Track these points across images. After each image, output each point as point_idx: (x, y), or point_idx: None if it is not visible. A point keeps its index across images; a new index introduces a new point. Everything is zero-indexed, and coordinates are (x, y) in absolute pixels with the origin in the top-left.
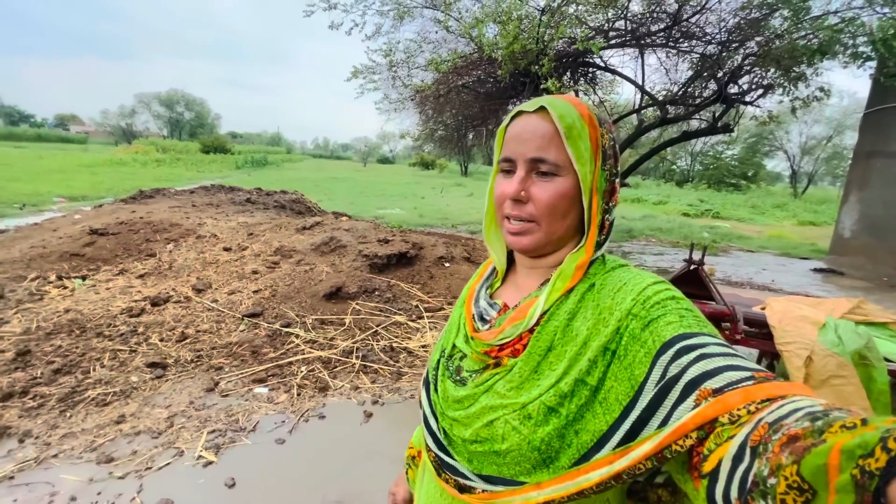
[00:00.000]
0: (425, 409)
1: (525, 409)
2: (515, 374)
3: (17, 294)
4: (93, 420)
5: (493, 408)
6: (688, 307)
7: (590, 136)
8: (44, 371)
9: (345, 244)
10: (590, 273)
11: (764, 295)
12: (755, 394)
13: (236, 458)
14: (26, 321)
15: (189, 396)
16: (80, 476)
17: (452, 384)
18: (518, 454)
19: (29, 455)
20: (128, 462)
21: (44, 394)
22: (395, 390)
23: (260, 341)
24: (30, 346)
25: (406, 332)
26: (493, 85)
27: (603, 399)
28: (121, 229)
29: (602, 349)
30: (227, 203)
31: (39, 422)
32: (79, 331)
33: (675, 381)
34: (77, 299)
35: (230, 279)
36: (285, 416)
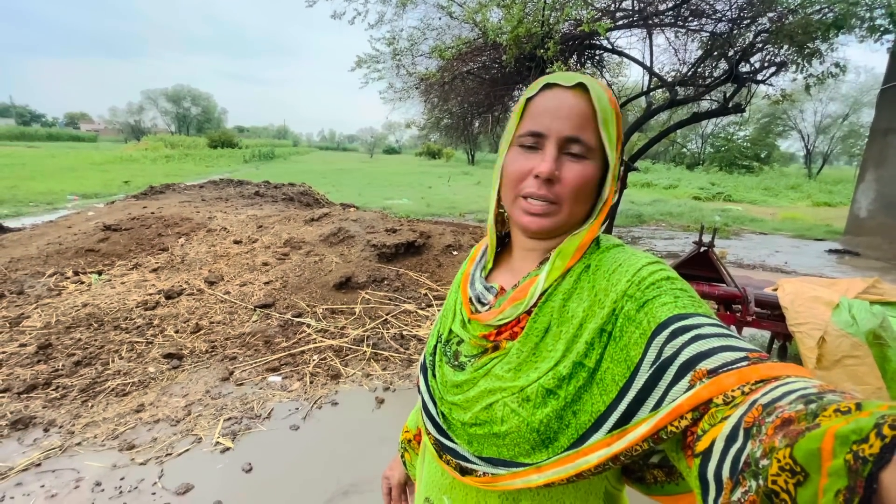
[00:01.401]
0: (423, 395)
1: (524, 391)
2: (513, 356)
3: (37, 290)
4: (113, 409)
5: (492, 391)
6: (682, 287)
7: (616, 122)
8: (65, 363)
9: (353, 235)
10: (585, 253)
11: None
12: (749, 375)
13: (252, 444)
14: (46, 315)
15: (205, 385)
16: (103, 462)
17: (451, 369)
18: (517, 436)
19: (54, 443)
20: (148, 449)
21: (66, 385)
22: (405, 377)
23: (272, 331)
24: (51, 340)
25: (415, 320)
26: (499, 71)
27: (600, 380)
28: (133, 225)
29: (598, 331)
30: (236, 196)
31: (63, 412)
32: (97, 324)
33: (669, 362)
34: (94, 294)
35: (241, 271)
36: (299, 403)
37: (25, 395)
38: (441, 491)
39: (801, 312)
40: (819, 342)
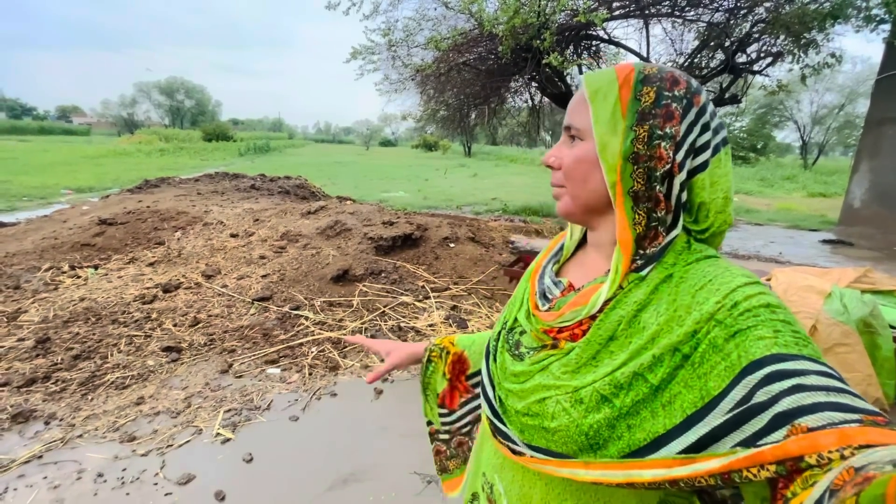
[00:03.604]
0: (483, 377)
1: (578, 392)
2: (572, 358)
3: (33, 284)
4: (113, 402)
5: (547, 387)
6: (785, 318)
7: (618, 97)
8: (63, 357)
9: (350, 227)
10: (666, 261)
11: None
12: (853, 437)
13: (253, 435)
14: (43, 310)
15: (204, 378)
16: (104, 454)
17: (510, 357)
18: (566, 435)
19: (55, 436)
20: (149, 440)
21: (65, 378)
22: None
23: (270, 324)
24: (49, 334)
25: (413, 312)
26: (495, 62)
27: (667, 402)
28: (129, 219)
29: (672, 349)
30: (232, 190)
31: (63, 405)
32: (94, 318)
33: (762, 408)
34: (91, 288)
35: (238, 265)
36: (298, 394)
37: (25, 388)
38: (494, 470)
39: (793, 301)
40: (811, 330)
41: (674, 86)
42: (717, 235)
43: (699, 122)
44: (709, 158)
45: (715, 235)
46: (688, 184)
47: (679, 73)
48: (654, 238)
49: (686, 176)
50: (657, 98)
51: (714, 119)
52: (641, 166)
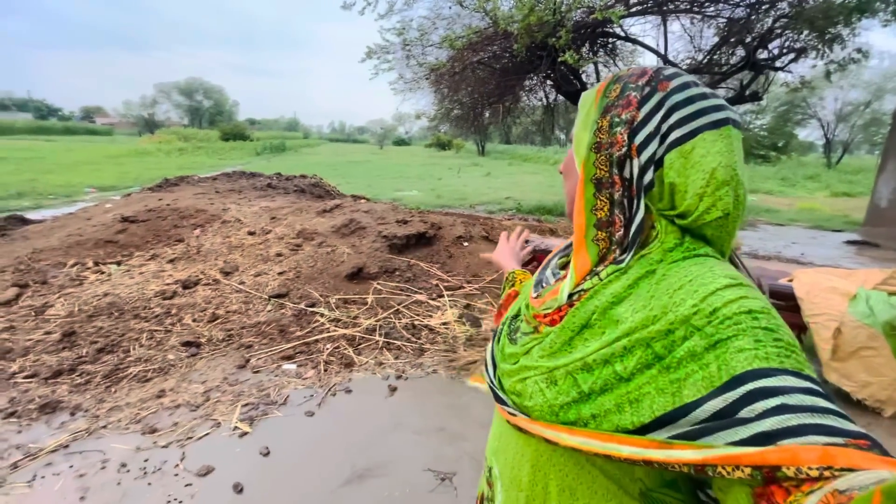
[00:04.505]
0: (487, 356)
1: (552, 373)
2: (547, 343)
3: (59, 280)
4: (135, 395)
5: (528, 368)
6: (767, 325)
7: (594, 99)
8: (88, 350)
9: (364, 226)
10: (652, 256)
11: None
12: (836, 458)
13: (269, 429)
14: (69, 304)
15: (223, 373)
16: (127, 445)
17: (508, 341)
18: (540, 414)
19: (80, 426)
20: (170, 432)
21: (90, 371)
22: (417, 365)
23: (286, 320)
24: (74, 328)
25: (427, 311)
26: (510, 60)
27: (634, 400)
28: (150, 216)
29: (644, 343)
30: (249, 188)
31: (88, 396)
32: (117, 313)
33: (742, 422)
34: (114, 283)
35: (256, 262)
36: (313, 390)
37: (52, 380)
38: (492, 454)
39: (816, 303)
40: (835, 333)
41: (639, 78)
42: (713, 227)
43: (664, 105)
44: (679, 138)
45: (708, 226)
46: (660, 168)
47: (651, 68)
48: (619, 224)
49: (655, 160)
50: (621, 91)
51: (696, 102)
52: (603, 153)
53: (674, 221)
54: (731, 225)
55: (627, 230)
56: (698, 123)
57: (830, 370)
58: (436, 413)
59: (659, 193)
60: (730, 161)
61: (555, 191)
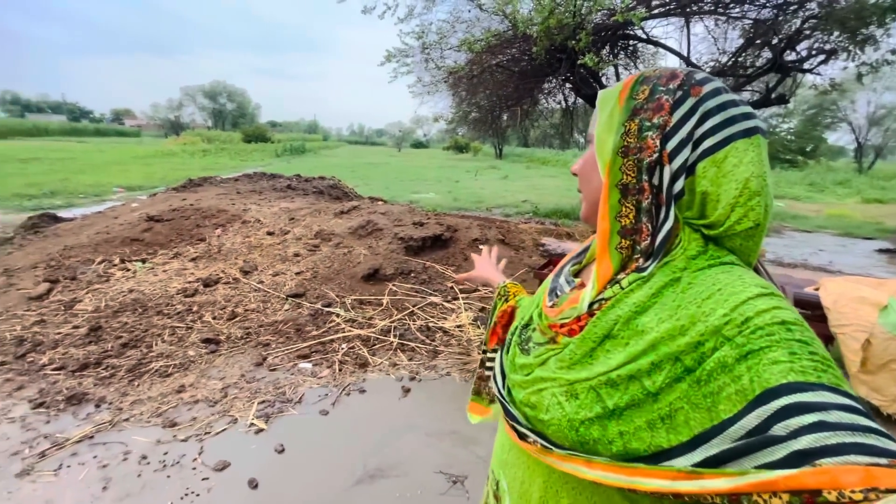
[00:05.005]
0: (496, 367)
1: (573, 386)
2: (566, 354)
3: (87, 276)
4: (157, 389)
5: (544, 379)
6: (802, 338)
7: (617, 99)
8: (113, 345)
9: (381, 227)
10: (676, 264)
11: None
12: (880, 479)
13: (284, 426)
14: (96, 300)
15: (240, 370)
16: (148, 438)
17: (519, 351)
18: (557, 429)
19: (104, 418)
20: (189, 427)
21: (114, 365)
22: (431, 367)
23: (303, 320)
24: (100, 323)
25: (441, 313)
26: (528, 63)
27: (667, 416)
28: (174, 216)
29: (672, 358)
30: (269, 189)
31: (112, 389)
32: (141, 309)
33: (778, 441)
34: (139, 281)
35: (274, 261)
36: (328, 389)
37: (79, 373)
38: (500, 467)
39: (844, 314)
40: (864, 345)
41: (669, 81)
42: (742, 237)
43: (697, 111)
44: (712, 147)
45: (738, 236)
46: (692, 175)
47: (681, 70)
48: (646, 233)
49: (687, 167)
50: (651, 94)
51: (727, 109)
52: (631, 159)
53: (698, 229)
54: (760, 235)
55: (654, 238)
56: (730, 131)
57: (859, 383)
58: (448, 416)
59: (688, 202)
60: (761, 171)
61: (573, 194)
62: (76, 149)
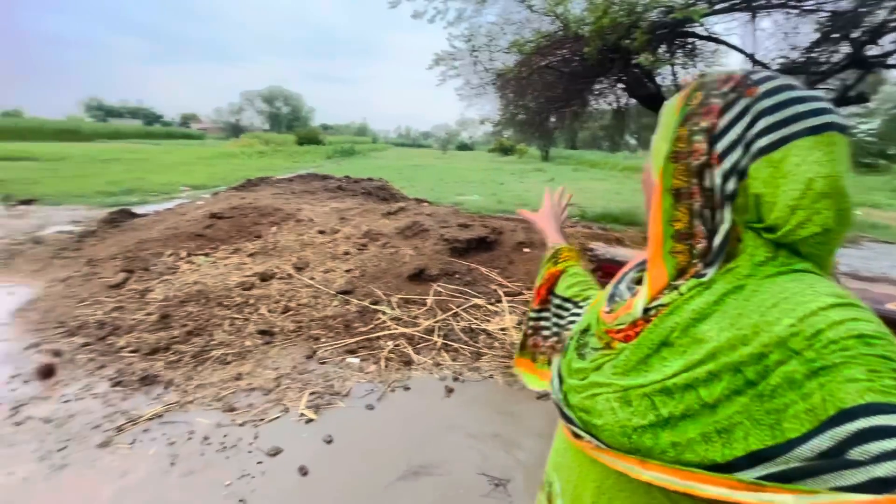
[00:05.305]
0: (553, 369)
1: (626, 393)
2: (621, 360)
3: (158, 267)
4: (217, 375)
5: (599, 384)
6: (884, 353)
7: (674, 107)
8: (180, 332)
9: (427, 228)
10: (740, 270)
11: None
12: None
13: (333, 418)
14: (165, 290)
15: (292, 361)
16: (210, 420)
17: (576, 355)
18: (610, 434)
19: (172, 399)
20: (245, 413)
21: (181, 350)
22: (474, 369)
23: (351, 316)
24: (169, 311)
25: (485, 315)
26: (579, 64)
27: (724, 430)
28: (234, 213)
29: (732, 368)
30: (321, 190)
31: (179, 373)
32: (204, 300)
33: (853, 465)
34: (202, 273)
35: (325, 259)
36: (374, 385)
37: (150, 356)
38: (553, 469)
39: None
40: None
41: (723, 84)
42: (809, 244)
43: (749, 111)
44: (766, 147)
45: (804, 242)
46: (744, 178)
47: (740, 72)
48: (700, 236)
49: (739, 170)
50: (703, 99)
51: (789, 107)
52: (682, 163)
53: (762, 234)
54: (833, 242)
55: (711, 242)
56: (790, 130)
57: None
58: (491, 418)
59: (744, 205)
60: (831, 171)
61: (622, 198)
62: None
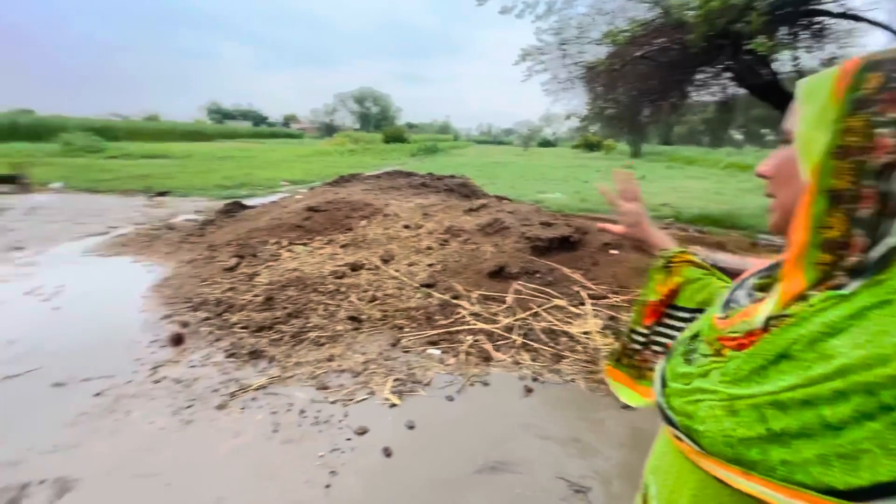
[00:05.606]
0: (656, 373)
1: (733, 402)
2: (731, 368)
3: (264, 255)
4: (312, 355)
5: (703, 390)
6: None
7: (832, 90)
8: (281, 313)
9: (508, 226)
10: (891, 283)
11: None
12: None
13: (415, 405)
14: (270, 275)
15: (378, 348)
16: (306, 395)
17: (682, 360)
18: (712, 442)
19: (275, 373)
20: (336, 392)
21: (282, 330)
22: (555, 371)
23: (433, 309)
24: (273, 294)
25: (567, 317)
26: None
27: (847, 455)
28: (329, 207)
29: (865, 390)
30: (406, 186)
31: (280, 350)
32: (302, 286)
33: None
34: (301, 261)
35: (409, 253)
36: (454, 377)
37: (257, 333)
38: (651, 472)
39: None
40: None
41: None
42: None
43: None
44: None
45: None
46: None
47: None
48: (858, 247)
49: None
50: (885, 82)
51: None
52: (850, 161)
53: None
54: None
55: (869, 254)
56: None
57: None
58: (570, 423)
59: None
60: None
61: (723, 199)
62: (256, 149)
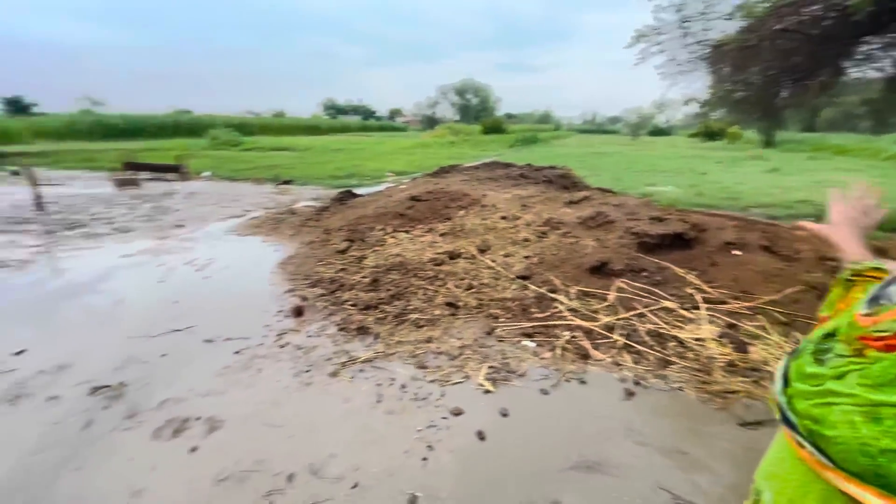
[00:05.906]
0: (778, 371)
1: (876, 409)
2: (875, 371)
3: (371, 240)
4: (413, 336)
5: (837, 394)
6: None
7: None
8: (385, 295)
9: (612, 220)
10: None
11: None
12: None
13: (509, 394)
14: (376, 258)
15: (473, 335)
16: (406, 372)
17: (812, 359)
18: (845, 449)
19: (379, 349)
20: (434, 372)
21: (386, 310)
22: (660, 377)
23: (528, 301)
24: (378, 276)
25: (676, 320)
26: (837, 21)
27: None
28: (429, 197)
29: None
30: (504, 177)
31: (384, 329)
32: (404, 270)
33: None
34: (403, 248)
35: (505, 244)
36: (549, 371)
37: (364, 311)
38: (764, 477)
39: None
40: None
41: None
42: None
43: None
44: None
45: None
46: None
47: None
48: None
49: None
50: None
51: None
52: None
53: None
54: None
55: None
56: None
57: None
58: (676, 433)
59: None
60: None
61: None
62: (365, 142)
